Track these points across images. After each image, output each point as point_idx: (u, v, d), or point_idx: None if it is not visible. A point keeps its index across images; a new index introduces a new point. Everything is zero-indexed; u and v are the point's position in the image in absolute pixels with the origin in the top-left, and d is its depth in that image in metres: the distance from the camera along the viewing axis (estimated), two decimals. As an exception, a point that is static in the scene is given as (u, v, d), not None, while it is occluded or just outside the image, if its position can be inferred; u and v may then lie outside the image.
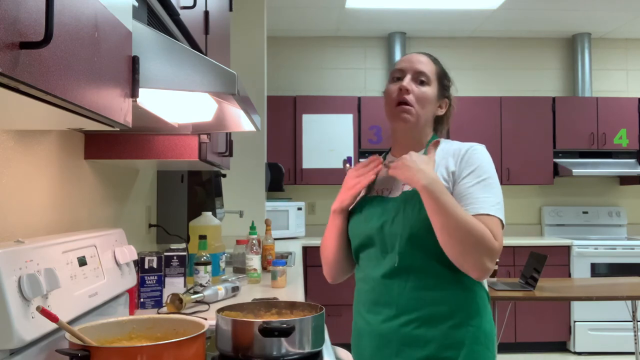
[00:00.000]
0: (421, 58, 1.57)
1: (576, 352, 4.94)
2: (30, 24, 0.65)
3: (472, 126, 5.28)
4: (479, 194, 1.42)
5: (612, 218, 5.58)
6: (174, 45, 1.13)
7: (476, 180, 1.44)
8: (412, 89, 1.52)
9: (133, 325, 1.26)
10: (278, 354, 1.24)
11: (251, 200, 4.28)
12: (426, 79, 1.54)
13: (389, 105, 1.55)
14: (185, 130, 1.84)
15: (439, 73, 1.57)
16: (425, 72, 1.54)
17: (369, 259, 1.53)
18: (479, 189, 1.42)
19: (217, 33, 2.13)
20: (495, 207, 1.41)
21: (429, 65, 1.56)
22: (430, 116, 1.57)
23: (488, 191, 1.43)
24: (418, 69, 1.54)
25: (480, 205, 1.41)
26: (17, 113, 0.91)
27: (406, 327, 1.44)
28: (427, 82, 1.54)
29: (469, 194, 1.42)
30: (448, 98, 1.61)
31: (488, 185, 1.44)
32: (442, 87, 1.58)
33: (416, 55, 1.58)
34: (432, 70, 1.56)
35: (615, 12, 5.02)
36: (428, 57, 1.58)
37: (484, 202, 1.41)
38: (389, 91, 1.55)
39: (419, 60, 1.56)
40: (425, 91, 1.53)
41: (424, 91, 1.53)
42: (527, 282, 3.37)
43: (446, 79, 1.60)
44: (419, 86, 1.53)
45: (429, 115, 1.56)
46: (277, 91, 5.67)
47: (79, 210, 1.78)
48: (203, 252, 2.28)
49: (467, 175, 1.45)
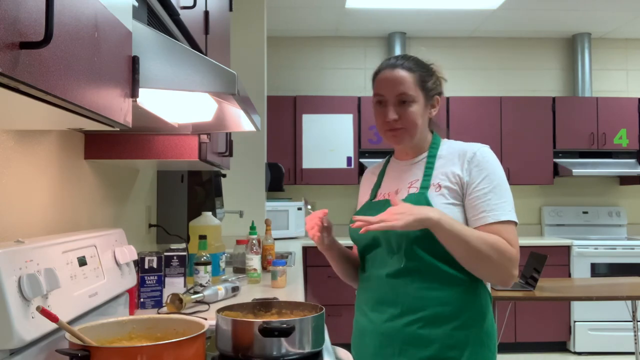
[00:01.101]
0: (398, 76, 1.50)
1: (576, 352, 4.94)
2: (30, 24, 0.65)
3: (472, 126, 5.27)
4: (496, 201, 1.44)
5: (612, 218, 5.58)
6: (174, 45, 1.13)
7: (490, 186, 1.45)
8: (399, 115, 1.49)
9: (133, 325, 1.26)
10: (278, 354, 1.24)
11: (251, 200, 4.28)
12: (409, 97, 1.49)
13: (379, 128, 1.54)
14: (185, 130, 1.84)
15: (419, 81, 1.51)
16: (406, 92, 1.49)
17: (374, 259, 1.53)
18: (493, 195, 1.44)
19: (217, 33, 2.13)
20: (511, 212, 1.45)
21: (408, 81, 1.49)
22: (425, 124, 1.56)
23: (502, 196, 1.45)
24: (398, 92, 1.49)
25: (500, 212, 1.43)
26: (17, 113, 0.91)
27: (410, 326, 1.44)
28: (411, 99, 1.49)
29: (485, 201, 1.44)
30: (438, 94, 1.57)
31: (501, 190, 1.46)
32: (427, 90, 1.53)
33: (391, 72, 1.51)
34: (412, 83, 1.50)
35: (615, 12, 5.02)
36: (405, 70, 1.51)
37: (502, 208, 1.44)
38: (376, 114, 1.54)
39: (398, 80, 1.49)
40: (411, 113, 1.49)
41: (410, 113, 1.49)
42: (527, 282, 3.37)
43: (428, 79, 1.53)
44: (404, 108, 1.49)
45: (424, 125, 1.55)
46: (277, 91, 5.67)
47: (79, 210, 1.78)
48: (203, 252, 2.28)
49: (480, 181, 1.45)
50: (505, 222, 1.43)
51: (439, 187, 1.47)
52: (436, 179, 1.49)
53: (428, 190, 1.47)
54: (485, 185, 1.45)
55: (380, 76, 1.54)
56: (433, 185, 1.48)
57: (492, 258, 1.39)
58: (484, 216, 1.43)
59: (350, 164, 5.29)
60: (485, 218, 1.43)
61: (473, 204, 1.45)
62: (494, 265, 1.40)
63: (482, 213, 1.44)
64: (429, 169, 1.52)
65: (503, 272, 1.41)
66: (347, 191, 5.66)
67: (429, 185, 1.48)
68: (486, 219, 1.43)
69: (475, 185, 1.45)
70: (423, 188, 1.48)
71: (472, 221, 1.45)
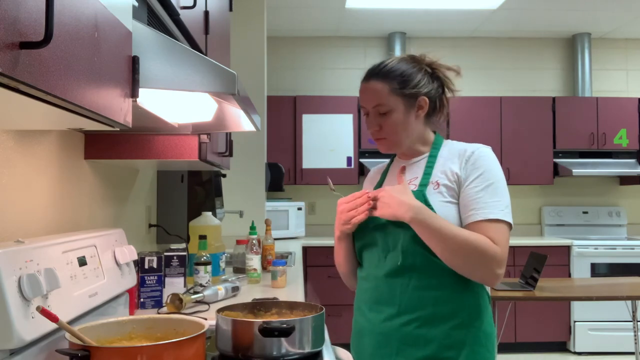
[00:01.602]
0: (371, 88, 1.51)
1: (576, 352, 4.94)
2: (30, 24, 0.65)
3: (472, 126, 5.27)
4: (487, 199, 1.43)
5: (612, 218, 5.58)
6: (174, 45, 1.13)
7: (484, 184, 1.44)
8: (379, 125, 1.51)
9: (133, 325, 1.26)
10: (278, 354, 1.24)
11: (251, 200, 4.28)
12: (385, 107, 1.49)
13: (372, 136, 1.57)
14: (185, 130, 1.84)
15: (395, 89, 1.49)
16: (382, 103, 1.49)
17: (371, 258, 1.53)
18: (485, 194, 1.43)
19: (217, 33, 2.13)
20: (503, 212, 1.43)
21: (381, 92, 1.49)
22: (414, 127, 1.53)
23: (495, 195, 1.44)
24: (374, 104, 1.50)
25: (490, 211, 1.42)
26: (17, 113, 0.91)
27: (408, 326, 1.44)
28: (387, 109, 1.49)
29: (477, 198, 1.43)
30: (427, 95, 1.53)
31: (496, 189, 1.44)
32: (408, 95, 1.50)
33: (366, 85, 1.52)
34: (387, 93, 1.49)
35: (615, 12, 5.02)
36: (379, 80, 1.50)
37: (493, 207, 1.42)
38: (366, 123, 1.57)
39: (371, 93, 1.50)
40: (390, 122, 1.50)
41: (389, 123, 1.50)
42: (527, 282, 3.37)
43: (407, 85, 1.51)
44: (384, 117, 1.50)
45: (412, 129, 1.53)
46: (277, 91, 5.67)
47: (79, 210, 1.78)
48: (203, 252, 2.28)
49: (474, 179, 1.45)
50: (494, 220, 1.41)
51: (437, 185, 1.48)
52: (435, 177, 1.50)
53: (426, 188, 1.48)
54: (479, 183, 1.44)
55: (360, 88, 1.56)
56: (432, 183, 1.49)
57: (471, 257, 1.38)
58: (473, 214, 1.42)
59: (350, 164, 5.29)
60: (474, 215, 1.42)
61: (464, 202, 1.45)
62: (473, 264, 1.39)
63: (471, 211, 1.43)
64: (429, 167, 1.52)
65: (485, 271, 1.40)
66: (347, 191, 5.65)
67: (427, 183, 1.49)
68: (475, 216, 1.42)
69: (468, 183, 1.45)
70: (422, 186, 1.49)
71: (463, 219, 1.45)
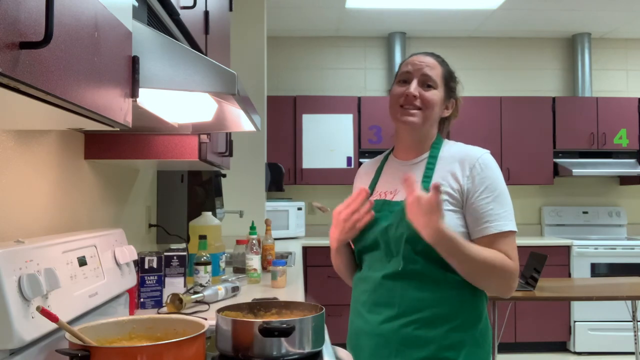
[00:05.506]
0: (428, 61, 1.55)
1: (576, 352, 4.94)
2: (30, 24, 0.65)
3: (472, 126, 5.27)
4: (498, 210, 1.45)
5: (612, 218, 5.58)
6: (174, 45, 1.13)
7: (492, 195, 1.46)
8: (419, 93, 1.52)
9: (133, 325, 1.26)
10: (278, 354, 1.24)
11: (251, 200, 4.28)
12: (433, 83, 1.53)
13: (393, 107, 1.56)
14: (185, 130, 1.84)
15: (445, 76, 1.57)
16: (432, 77, 1.53)
17: (372, 261, 1.53)
18: (495, 205, 1.46)
19: (217, 33, 2.13)
20: (512, 222, 1.47)
21: (436, 69, 1.55)
22: (436, 118, 1.57)
23: (503, 205, 1.46)
24: (425, 73, 1.53)
25: (503, 222, 1.45)
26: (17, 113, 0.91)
27: (406, 327, 1.44)
28: (434, 86, 1.53)
29: (488, 211, 1.45)
30: (455, 99, 1.61)
31: (502, 199, 1.47)
32: (449, 89, 1.58)
33: (423, 57, 1.57)
34: (439, 74, 1.55)
35: (615, 12, 5.02)
36: (435, 59, 1.57)
37: (504, 218, 1.45)
38: (395, 93, 1.55)
39: (426, 64, 1.54)
40: (431, 95, 1.53)
41: (430, 95, 1.53)
42: (527, 282, 3.37)
43: (452, 80, 1.60)
44: (426, 90, 1.53)
45: (434, 118, 1.57)
46: (277, 91, 5.67)
47: (79, 210, 1.78)
48: (203, 252, 2.28)
49: (482, 190, 1.46)
50: (506, 232, 1.45)
51: None
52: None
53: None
54: (488, 194, 1.46)
55: (409, 59, 1.58)
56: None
57: (492, 277, 1.43)
58: (487, 227, 1.44)
59: (350, 164, 5.29)
60: (488, 229, 1.44)
61: (475, 214, 1.46)
62: (492, 281, 1.44)
63: (485, 224, 1.45)
64: (429, 170, 1.51)
65: (503, 287, 1.45)
66: (347, 191, 5.66)
67: (427, 189, 1.48)
68: (489, 229, 1.44)
69: (477, 195, 1.46)
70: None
71: (475, 232, 1.46)
